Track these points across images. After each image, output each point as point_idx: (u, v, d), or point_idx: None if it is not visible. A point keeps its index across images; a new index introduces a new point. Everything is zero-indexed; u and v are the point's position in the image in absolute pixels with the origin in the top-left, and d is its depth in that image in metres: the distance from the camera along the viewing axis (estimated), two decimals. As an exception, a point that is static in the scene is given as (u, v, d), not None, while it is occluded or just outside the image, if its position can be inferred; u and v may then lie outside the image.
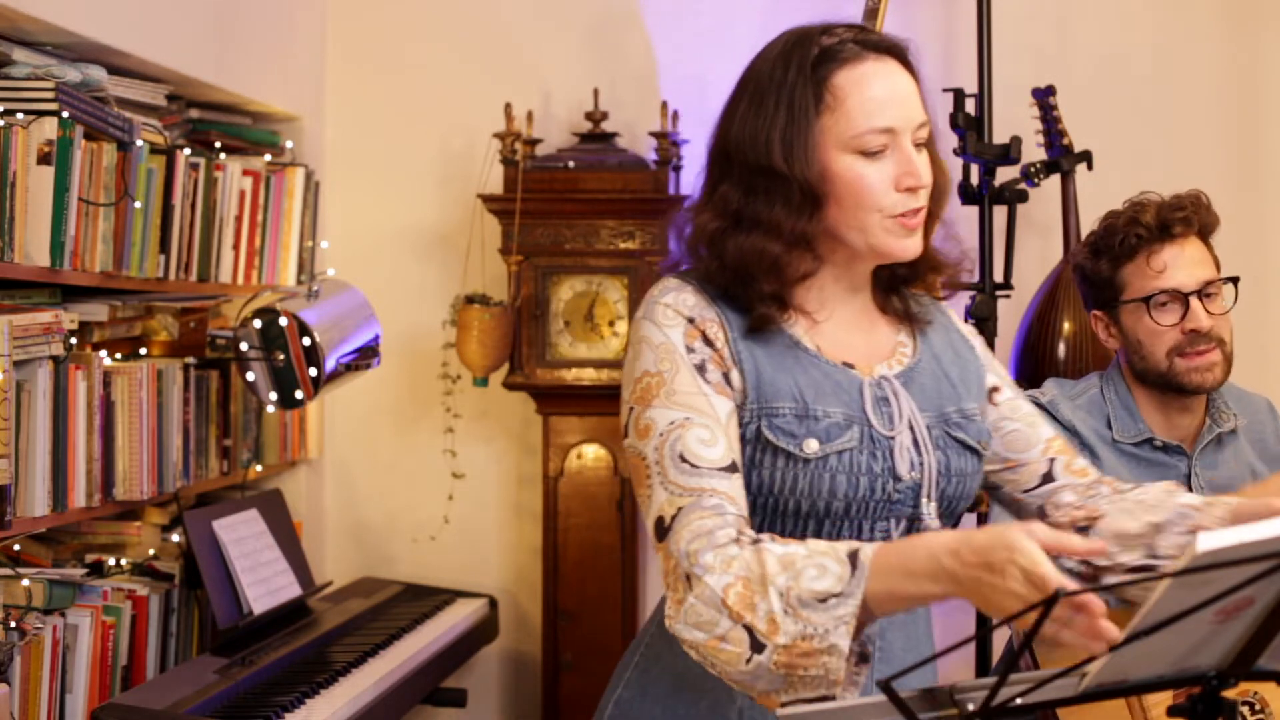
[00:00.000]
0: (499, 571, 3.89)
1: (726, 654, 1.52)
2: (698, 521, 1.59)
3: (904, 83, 1.73)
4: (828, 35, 1.73)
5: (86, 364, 2.70)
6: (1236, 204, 3.60)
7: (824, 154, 1.69)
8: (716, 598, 1.52)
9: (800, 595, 1.49)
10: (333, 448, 3.92)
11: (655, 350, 1.70)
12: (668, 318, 1.72)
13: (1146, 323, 2.51)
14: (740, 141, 1.73)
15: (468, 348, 3.60)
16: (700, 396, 1.67)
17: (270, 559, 3.15)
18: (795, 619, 1.48)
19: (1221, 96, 3.66)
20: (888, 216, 1.70)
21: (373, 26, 3.90)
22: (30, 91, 2.62)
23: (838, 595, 1.48)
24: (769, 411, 1.69)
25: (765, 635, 1.49)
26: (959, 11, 3.61)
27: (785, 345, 1.73)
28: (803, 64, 1.71)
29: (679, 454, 1.63)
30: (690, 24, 3.78)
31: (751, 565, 1.53)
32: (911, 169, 1.70)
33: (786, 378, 1.70)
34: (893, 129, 1.70)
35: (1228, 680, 1.37)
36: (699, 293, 1.73)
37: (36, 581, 2.62)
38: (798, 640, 1.48)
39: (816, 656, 1.48)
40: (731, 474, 1.64)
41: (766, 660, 1.50)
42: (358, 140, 3.90)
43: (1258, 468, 2.59)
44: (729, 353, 1.70)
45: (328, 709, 2.69)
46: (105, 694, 2.70)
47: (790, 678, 1.50)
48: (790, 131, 1.69)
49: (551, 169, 3.60)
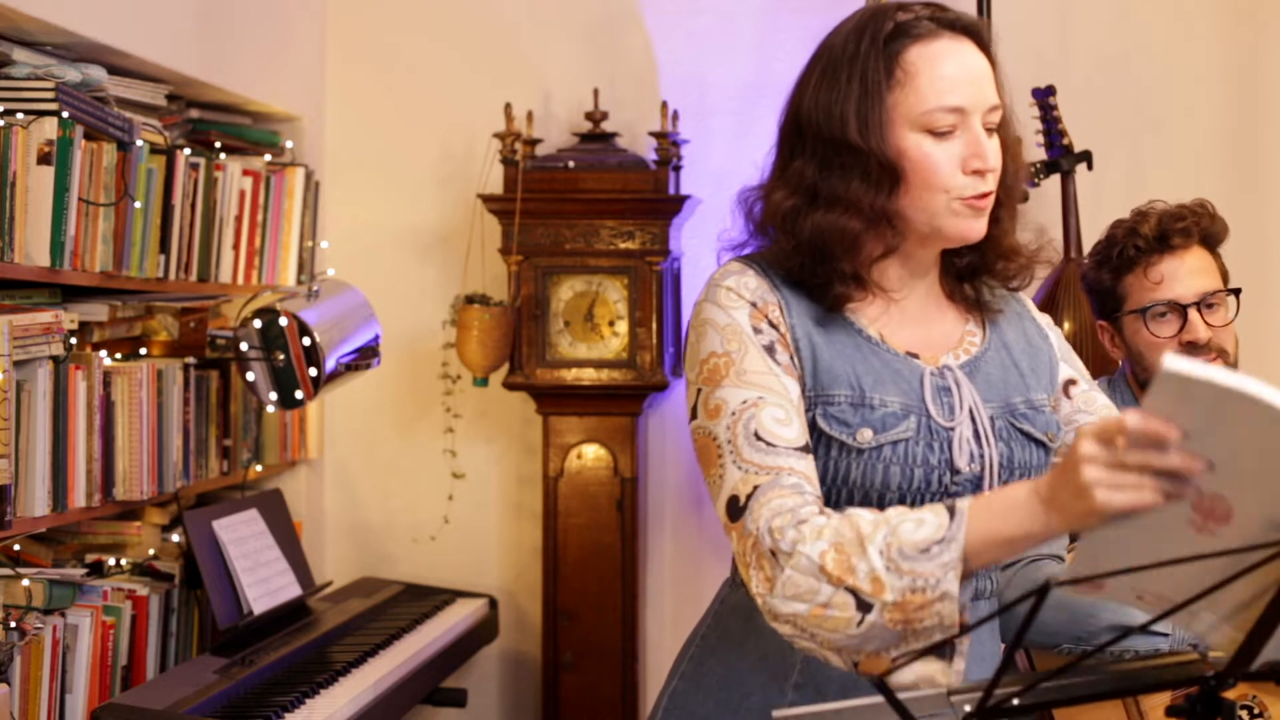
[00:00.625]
0: (499, 571, 3.90)
1: (834, 620, 1.49)
2: (778, 500, 1.56)
3: (977, 63, 1.69)
4: (904, 11, 1.70)
5: (86, 364, 2.70)
6: (1236, 205, 3.60)
7: (895, 130, 1.66)
8: (814, 565, 1.50)
9: (901, 549, 1.47)
10: (333, 448, 3.92)
11: (721, 332, 1.67)
12: (731, 300, 1.69)
13: (1145, 334, 2.51)
14: (814, 115, 1.69)
15: (468, 348, 3.60)
16: (772, 376, 1.64)
17: (270, 559, 3.16)
18: (899, 574, 1.46)
19: (1221, 97, 3.65)
20: (955, 199, 1.67)
21: (373, 26, 3.90)
22: (30, 91, 2.62)
23: (940, 542, 1.46)
24: (825, 399, 1.66)
25: (871, 595, 1.47)
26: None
27: (846, 333, 1.70)
28: (875, 37, 1.68)
29: (754, 432, 1.60)
30: (690, 24, 3.78)
31: (843, 530, 1.51)
32: (980, 151, 1.66)
33: (845, 365, 1.67)
34: (962, 109, 1.66)
35: (1227, 680, 1.37)
36: (761, 276, 1.70)
37: (36, 581, 2.62)
38: (907, 594, 1.46)
39: (930, 606, 1.46)
40: (806, 454, 1.61)
41: (877, 619, 1.47)
42: (358, 140, 3.90)
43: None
44: (790, 337, 1.68)
45: (328, 709, 2.70)
46: (105, 694, 2.70)
47: (905, 632, 1.48)
48: (864, 105, 1.66)
49: (551, 169, 3.60)
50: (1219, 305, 2.51)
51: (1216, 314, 2.51)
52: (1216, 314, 2.51)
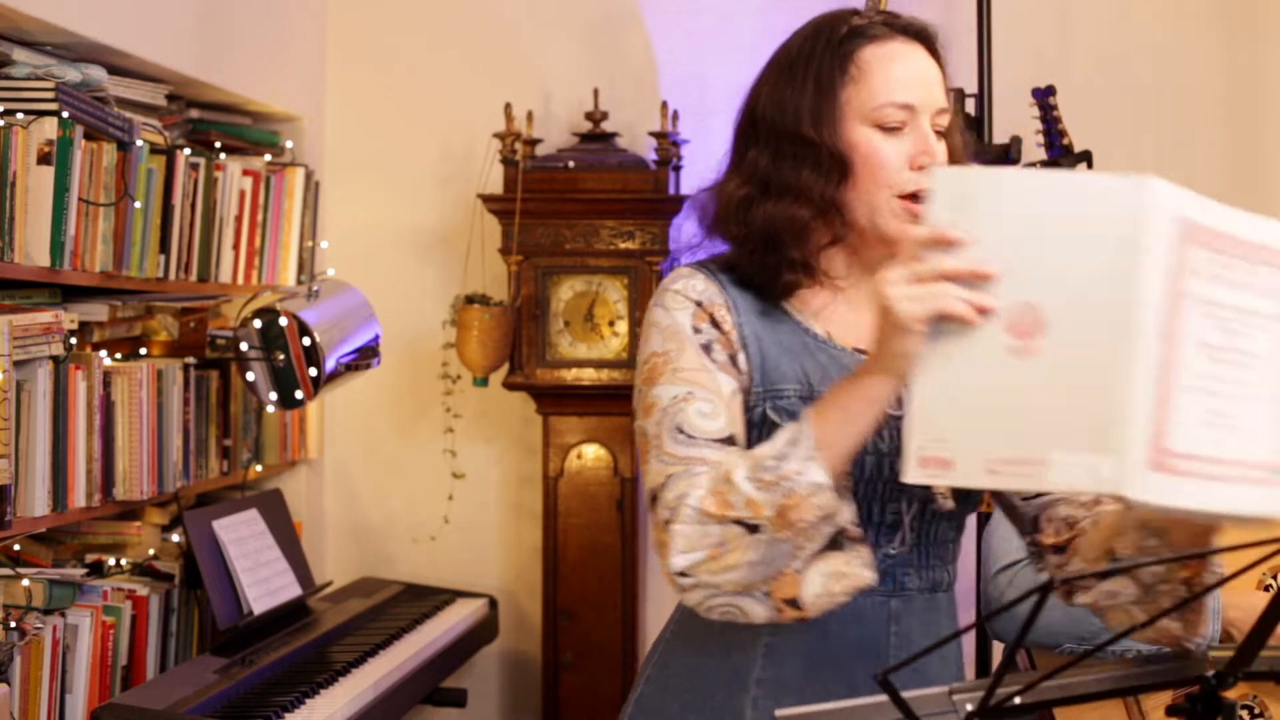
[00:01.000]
0: (499, 571, 3.90)
1: (731, 557, 1.54)
2: (682, 486, 1.60)
3: (928, 67, 1.75)
4: (859, 16, 1.76)
5: (86, 364, 2.70)
6: (1236, 204, 3.60)
7: (846, 124, 1.71)
8: (695, 514, 1.56)
9: (760, 464, 1.54)
10: (333, 448, 3.92)
11: (662, 332, 1.73)
12: (676, 302, 1.74)
13: None
14: (769, 111, 1.75)
15: (468, 348, 3.60)
16: (704, 373, 1.68)
17: (270, 559, 3.16)
18: (768, 487, 1.53)
19: (1221, 96, 3.66)
20: (896, 195, 1.70)
21: (373, 26, 3.91)
22: (30, 91, 2.62)
23: (791, 443, 1.53)
24: (774, 394, 1.70)
25: (753, 517, 1.53)
26: (959, 11, 3.61)
27: (794, 331, 1.74)
28: (831, 39, 1.74)
29: (678, 426, 1.65)
30: (690, 24, 3.79)
31: (714, 474, 1.57)
32: (928, 148, 1.70)
33: (792, 362, 1.72)
34: (912, 106, 1.71)
35: (1227, 680, 1.37)
36: (710, 279, 1.75)
37: (36, 581, 2.62)
38: (781, 500, 1.52)
39: (806, 502, 1.52)
40: (727, 446, 1.64)
41: (767, 536, 1.52)
42: (358, 140, 3.90)
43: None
44: (737, 336, 1.72)
45: (328, 709, 2.69)
46: (105, 694, 2.70)
47: (797, 538, 1.52)
48: (818, 100, 1.72)
49: (551, 169, 3.60)
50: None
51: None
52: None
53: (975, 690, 1.34)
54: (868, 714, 1.36)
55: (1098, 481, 1.24)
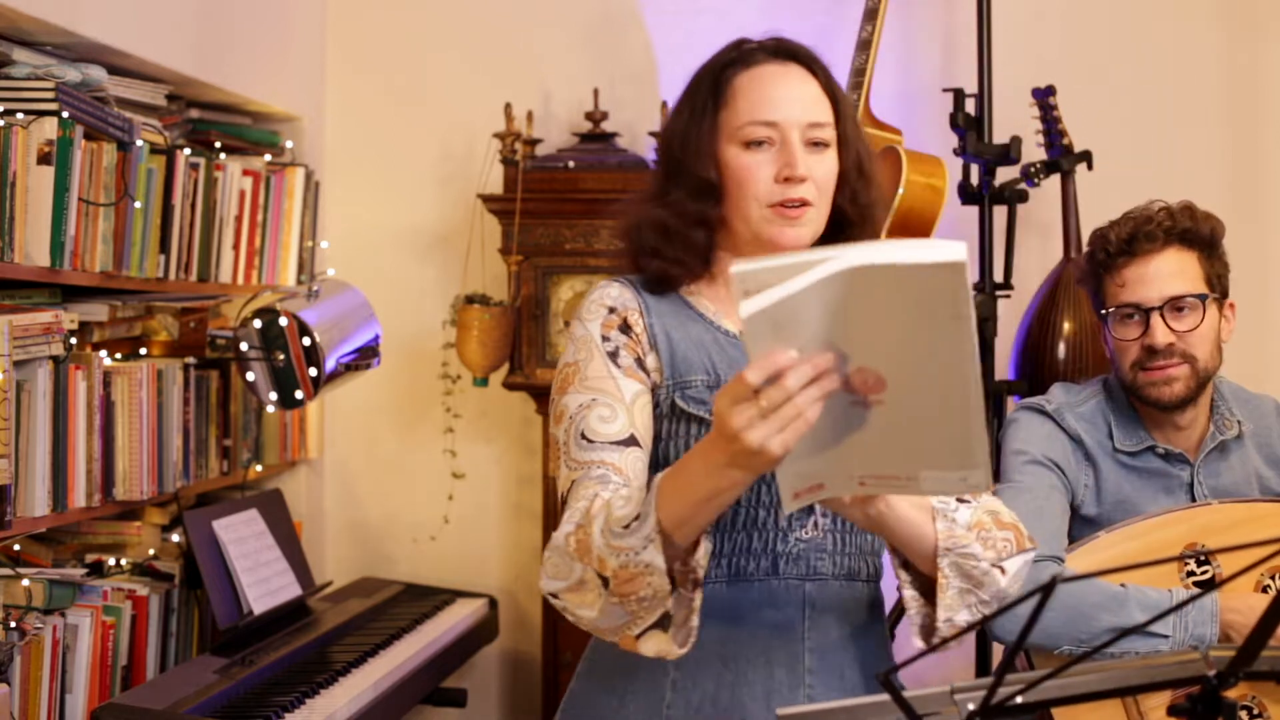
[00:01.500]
0: (499, 571, 3.90)
1: (587, 596, 1.64)
2: (583, 493, 1.70)
3: (800, 86, 1.85)
4: (746, 44, 1.89)
5: (86, 364, 2.70)
6: (1236, 204, 3.60)
7: (718, 146, 1.83)
8: (561, 545, 1.66)
9: (612, 527, 1.61)
10: (333, 448, 3.92)
11: (575, 342, 1.85)
12: (591, 312, 1.87)
13: (1114, 340, 2.52)
14: (662, 137, 1.92)
15: (468, 348, 3.60)
16: (609, 380, 1.79)
17: (270, 559, 3.16)
18: (613, 550, 1.60)
19: (1221, 96, 3.66)
20: (766, 205, 1.80)
21: (373, 26, 3.91)
22: (30, 91, 2.62)
23: (637, 518, 1.59)
24: (682, 385, 1.81)
25: (601, 570, 1.62)
26: (959, 11, 3.61)
27: (704, 328, 1.85)
28: (714, 69, 1.87)
29: (581, 432, 1.76)
30: (690, 24, 3.78)
31: (584, 511, 1.65)
32: (790, 160, 1.79)
33: (700, 354, 1.82)
34: (775, 123, 1.81)
35: (1228, 680, 1.37)
36: (625, 287, 1.88)
37: (36, 581, 2.62)
38: (618, 569, 1.59)
39: (639, 579, 1.59)
40: (626, 447, 1.75)
41: (610, 593, 1.62)
42: (358, 140, 3.90)
43: (1264, 472, 2.58)
44: (647, 336, 1.83)
45: (328, 709, 2.69)
46: (105, 694, 2.70)
47: (627, 605, 1.61)
48: (690, 126, 1.85)
49: (551, 169, 3.60)
50: (1190, 309, 2.47)
51: (1184, 318, 2.47)
52: (1184, 318, 2.47)
53: (976, 689, 1.34)
54: (868, 714, 1.36)
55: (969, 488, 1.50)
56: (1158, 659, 1.45)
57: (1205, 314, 2.47)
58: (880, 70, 3.34)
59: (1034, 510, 2.44)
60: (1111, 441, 2.54)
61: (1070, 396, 2.60)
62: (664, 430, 1.80)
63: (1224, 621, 2.31)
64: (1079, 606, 2.32)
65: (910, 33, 3.65)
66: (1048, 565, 2.38)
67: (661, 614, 1.61)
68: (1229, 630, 2.31)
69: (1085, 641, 2.30)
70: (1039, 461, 2.51)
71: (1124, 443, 2.53)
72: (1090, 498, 2.52)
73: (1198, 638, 2.29)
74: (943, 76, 3.61)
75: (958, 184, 3.41)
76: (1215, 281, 2.50)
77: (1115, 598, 2.32)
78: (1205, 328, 2.47)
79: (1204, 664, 1.39)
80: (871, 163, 1.89)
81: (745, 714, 1.79)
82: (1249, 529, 2.41)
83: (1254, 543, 1.30)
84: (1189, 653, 1.43)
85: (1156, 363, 2.46)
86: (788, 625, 1.80)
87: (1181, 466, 2.53)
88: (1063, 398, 2.60)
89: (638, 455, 1.76)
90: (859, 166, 1.86)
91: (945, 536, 1.70)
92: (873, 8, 3.27)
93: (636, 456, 1.76)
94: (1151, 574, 2.37)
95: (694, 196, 1.83)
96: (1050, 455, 2.52)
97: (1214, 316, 2.49)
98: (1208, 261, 2.50)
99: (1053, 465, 2.51)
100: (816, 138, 1.81)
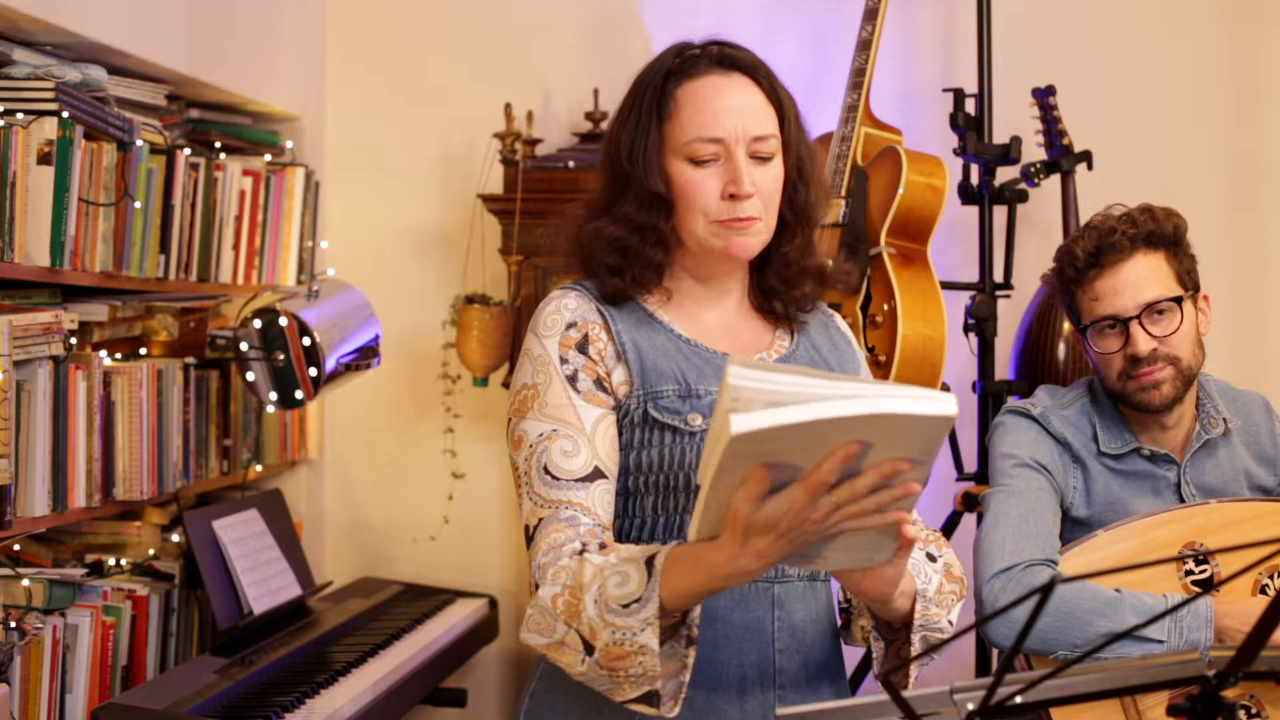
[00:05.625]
0: (499, 571, 3.90)
1: (567, 656, 1.66)
2: (553, 534, 1.71)
3: (744, 97, 1.83)
4: (689, 49, 1.88)
5: (86, 364, 2.70)
6: (1236, 204, 3.60)
7: (663, 159, 1.82)
8: (548, 606, 1.66)
9: (608, 602, 1.62)
10: (333, 448, 3.92)
11: (534, 362, 1.83)
12: (548, 327, 1.84)
13: (1096, 353, 2.51)
14: (606, 143, 1.89)
15: (468, 348, 3.60)
16: (569, 408, 1.78)
17: (270, 559, 3.16)
18: (607, 625, 1.61)
19: (1221, 96, 3.66)
20: (712, 221, 1.80)
21: (373, 26, 3.91)
22: (30, 91, 2.62)
23: (638, 600, 1.60)
24: (653, 395, 1.79)
25: (590, 639, 1.63)
26: (959, 11, 3.61)
27: (668, 337, 1.84)
28: (654, 78, 1.86)
29: (543, 466, 1.76)
30: (690, 24, 3.78)
31: (575, 574, 1.65)
32: (735, 178, 1.79)
33: (669, 364, 1.81)
34: (720, 139, 1.80)
35: (1227, 680, 1.37)
36: (581, 296, 1.86)
37: (36, 581, 2.62)
38: (611, 645, 1.61)
39: (631, 658, 1.61)
40: (590, 483, 1.75)
41: (595, 660, 1.63)
42: (358, 140, 3.90)
43: (1252, 469, 2.57)
44: (612, 349, 1.82)
45: (328, 709, 2.70)
46: (105, 694, 2.70)
47: (615, 677, 1.62)
48: (635, 137, 1.84)
49: (551, 169, 3.60)
50: (1167, 313, 2.45)
51: (1162, 322, 2.45)
52: (1162, 322, 2.45)
53: (976, 690, 1.34)
54: (868, 713, 1.36)
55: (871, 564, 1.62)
56: (1157, 659, 1.45)
57: (1183, 315, 2.46)
58: (880, 70, 3.34)
59: (1025, 514, 2.44)
60: (1096, 444, 2.53)
61: (1055, 400, 2.60)
62: (635, 439, 1.79)
63: (1218, 627, 2.30)
64: (1074, 611, 2.32)
65: (910, 33, 3.65)
66: (1042, 569, 2.38)
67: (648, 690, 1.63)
68: (1223, 635, 2.31)
69: (1080, 646, 2.30)
70: (1028, 465, 2.51)
71: (1109, 445, 2.53)
72: (1080, 500, 2.52)
73: (1192, 643, 2.28)
74: (943, 76, 3.61)
75: (958, 184, 3.41)
76: (1186, 278, 2.49)
77: (1110, 603, 2.31)
78: (1185, 328, 2.46)
79: (1203, 664, 1.39)
80: (812, 162, 1.89)
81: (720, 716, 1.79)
82: (1247, 528, 2.41)
83: (1253, 543, 1.30)
84: (1189, 652, 1.44)
85: (1142, 370, 2.46)
86: (758, 624, 1.81)
87: (1167, 467, 2.53)
88: (1048, 401, 2.59)
89: (604, 488, 1.76)
90: (799, 169, 1.87)
91: (920, 614, 1.76)
92: (873, 8, 3.27)
93: (604, 490, 1.76)
94: (1150, 574, 2.37)
95: (644, 209, 1.83)
96: (1038, 458, 2.52)
97: (1191, 314, 2.48)
98: (1175, 259, 2.48)
99: (1041, 468, 2.51)
100: (761, 151, 1.81)
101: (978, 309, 3.33)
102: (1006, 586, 2.36)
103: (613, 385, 1.81)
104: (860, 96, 3.24)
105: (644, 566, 1.62)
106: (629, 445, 1.80)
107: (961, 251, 3.59)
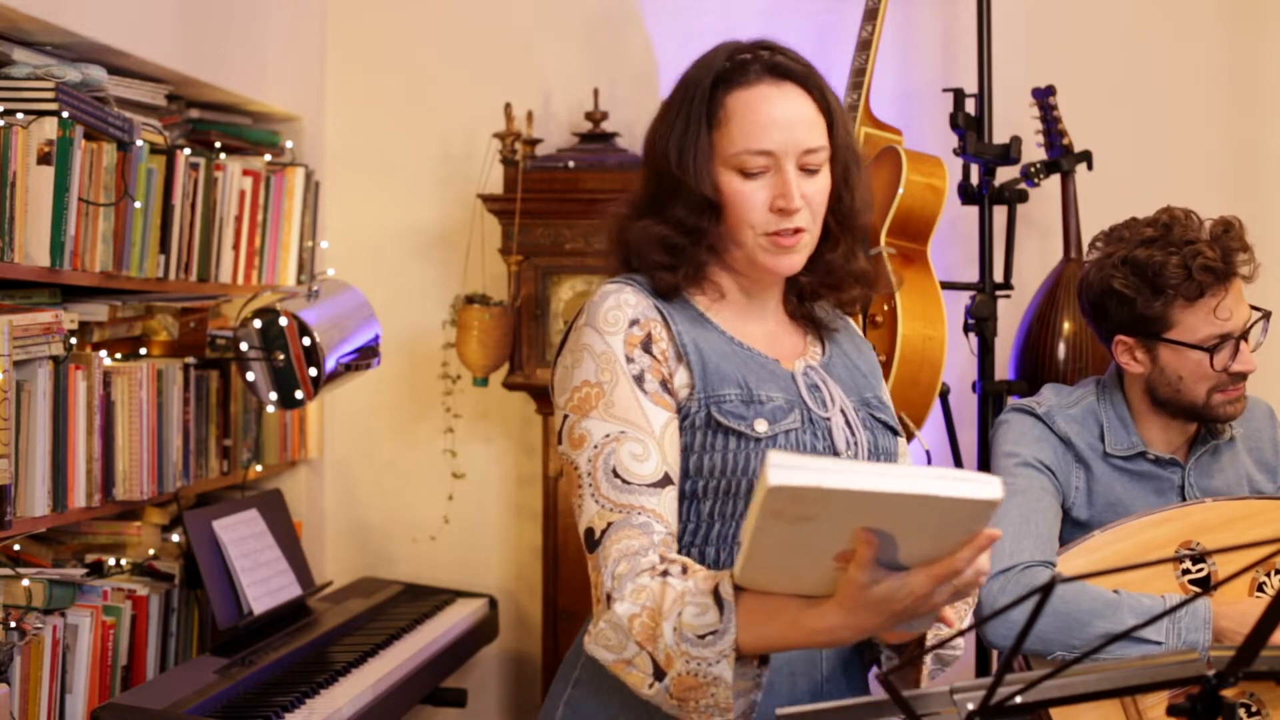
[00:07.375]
0: (499, 571, 3.90)
1: (633, 677, 1.63)
2: (626, 540, 1.66)
3: (795, 109, 1.81)
4: (740, 53, 1.84)
5: (86, 364, 2.70)
6: (1236, 204, 3.60)
7: (713, 167, 1.80)
8: (624, 625, 1.62)
9: (684, 631, 1.59)
10: (333, 448, 3.92)
11: (597, 359, 1.76)
12: (609, 322, 1.78)
13: (1194, 365, 2.44)
14: (651, 144, 1.88)
15: (468, 348, 3.60)
16: (637, 409, 1.73)
17: (270, 559, 3.16)
18: (683, 654, 1.59)
19: (1221, 96, 3.65)
20: (761, 234, 1.79)
21: (372, 27, 3.91)
22: (30, 91, 2.62)
23: (714, 632, 1.57)
24: (716, 398, 1.76)
25: (664, 665, 1.60)
26: (959, 11, 3.61)
27: (721, 339, 1.82)
28: (704, 81, 1.82)
29: (612, 468, 1.70)
30: (690, 24, 3.78)
31: (655, 597, 1.61)
32: (784, 191, 1.77)
33: (730, 367, 1.79)
34: (771, 152, 1.78)
35: (1227, 680, 1.37)
36: (638, 292, 1.82)
37: (36, 581, 2.62)
38: (685, 675, 1.58)
39: (705, 689, 1.58)
40: (661, 489, 1.71)
41: (665, 687, 1.60)
42: (358, 140, 3.90)
43: (1254, 475, 2.57)
44: (673, 350, 1.78)
45: (328, 709, 2.70)
46: (105, 694, 2.70)
47: (684, 707, 1.60)
48: (684, 141, 1.81)
49: (551, 169, 3.60)
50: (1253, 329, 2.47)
51: (1251, 338, 2.46)
52: (1251, 338, 2.46)
53: (976, 690, 1.34)
54: (868, 714, 1.36)
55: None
56: (1157, 659, 1.45)
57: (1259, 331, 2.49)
58: (880, 70, 3.34)
59: (1025, 514, 2.43)
60: (1103, 444, 2.53)
61: (1061, 398, 2.59)
62: (696, 442, 1.76)
63: (1216, 629, 2.30)
64: (1072, 612, 2.31)
65: (910, 33, 3.65)
66: (1040, 570, 2.38)
67: None
68: (1221, 637, 2.30)
69: (1078, 647, 2.29)
70: (1030, 464, 2.50)
71: (1115, 446, 2.52)
72: (1082, 500, 2.52)
73: (1190, 644, 2.28)
74: (943, 76, 3.61)
75: (958, 184, 3.41)
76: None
77: (1109, 604, 2.31)
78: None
79: (1203, 664, 1.39)
80: (858, 169, 1.87)
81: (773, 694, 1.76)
82: (1242, 526, 2.41)
83: (1251, 543, 1.30)
84: (1188, 652, 1.44)
85: (1238, 385, 2.45)
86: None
87: (1173, 469, 2.53)
88: (1054, 399, 2.59)
89: (673, 496, 1.72)
90: (845, 177, 1.86)
91: (932, 638, 1.74)
92: (873, 8, 3.27)
93: (672, 497, 1.72)
94: (1147, 573, 2.37)
95: (694, 213, 1.81)
96: (1041, 458, 2.51)
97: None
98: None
99: (1043, 468, 2.51)
100: (810, 164, 1.80)
101: (978, 309, 3.33)
102: (1006, 587, 2.36)
103: (674, 387, 1.77)
104: (860, 96, 3.24)
105: (713, 597, 1.59)
106: (689, 449, 1.76)
107: (961, 251, 3.59)
